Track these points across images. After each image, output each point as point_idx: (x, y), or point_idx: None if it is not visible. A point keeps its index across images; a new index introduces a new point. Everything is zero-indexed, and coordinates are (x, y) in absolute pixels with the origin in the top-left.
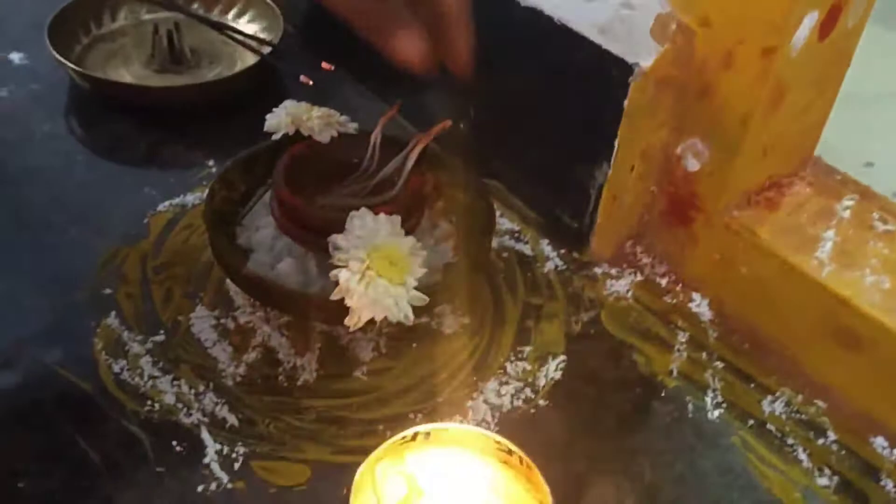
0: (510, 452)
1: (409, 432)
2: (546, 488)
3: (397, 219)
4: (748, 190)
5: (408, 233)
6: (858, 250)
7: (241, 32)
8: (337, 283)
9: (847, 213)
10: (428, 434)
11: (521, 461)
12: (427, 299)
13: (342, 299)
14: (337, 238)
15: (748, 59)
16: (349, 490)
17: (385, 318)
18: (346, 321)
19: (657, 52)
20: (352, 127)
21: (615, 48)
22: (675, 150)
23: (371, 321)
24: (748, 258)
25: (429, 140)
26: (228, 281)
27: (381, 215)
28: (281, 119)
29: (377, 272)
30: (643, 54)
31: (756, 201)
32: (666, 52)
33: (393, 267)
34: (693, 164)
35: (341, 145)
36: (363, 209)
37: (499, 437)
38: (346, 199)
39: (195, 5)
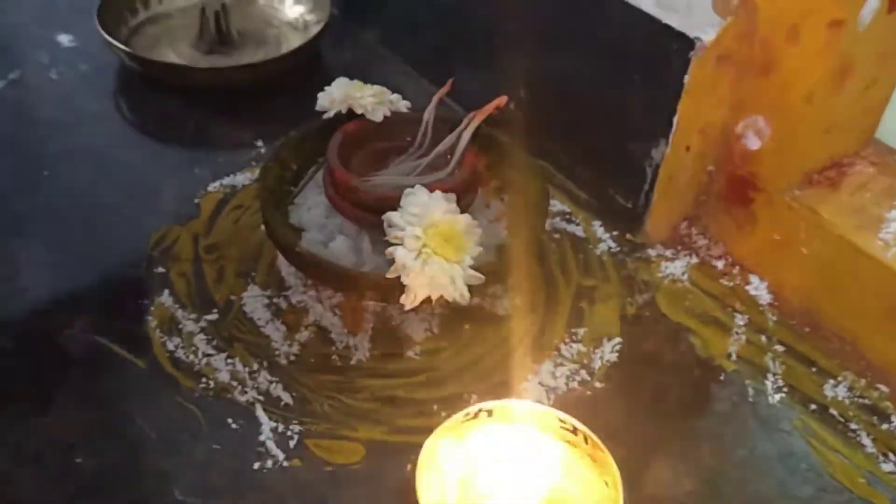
0: (575, 431)
1: (472, 409)
2: (614, 468)
3: (452, 196)
4: (809, 169)
5: (462, 211)
6: None
7: None
8: (392, 262)
9: None
10: (490, 412)
11: (586, 440)
12: (483, 278)
13: (397, 278)
14: (392, 215)
15: (814, 32)
16: (414, 465)
17: (439, 297)
18: (402, 299)
19: (719, 26)
20: (403, 105)
21: (675, 22)
22: (736, 129)
23: (427, 300)
24: (809, 238)
25: (483, 117)
26: (280, 261)
27: (437, 192)
28: (333, 97)
29: (433, 250)
30: (704, 28)
31: (817, 181)
32: (728, 26)
33: (449, 245)
34: (754, 143)
35: (394, 124)
36: (418, 186)
37: (564, 415)
38: (400, 178)
39: None
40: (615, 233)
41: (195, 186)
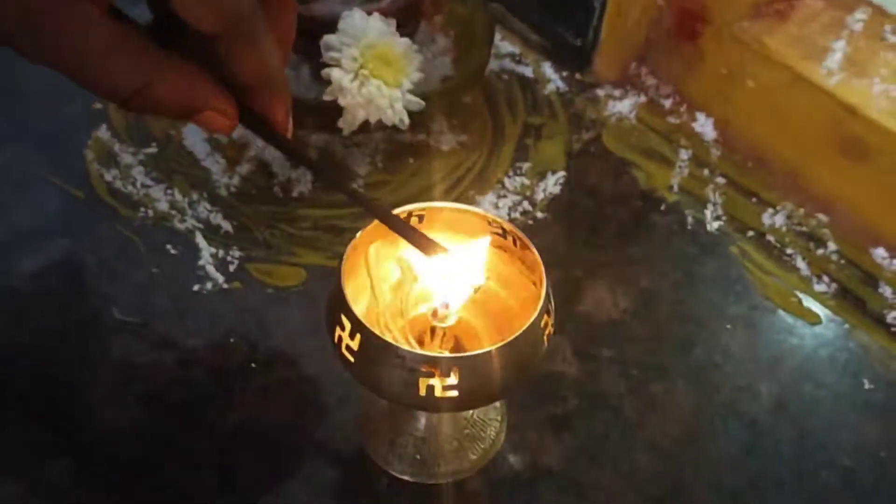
0: (504, 234)
1: (402, 210)
2: (541, 267)
3: (392, 21)
4: (758, 1)
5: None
6: (868, 60)
7: None
8: (329, 85)
9: (859, 26)
10: (421, 215)
11: (515, 242)
12: (423, 103)
13: (335, 101)
14: (329, 37)
15: None
16: (341, 263)
17: (380, 126)
18: (340, 123)
19: None
20: None
21: None
22: None
23: (365, 126)
24: (756, 70)
25: None
26: None
27: (375, 14)
28: None
29: (371, 72)
30: None
31: (766, 13)
32: None
33: (388, 68)
34: None
35: None
36: (356, 9)
37: (493, 216)
38: (341, 6)
39: None
40: (564, 73)
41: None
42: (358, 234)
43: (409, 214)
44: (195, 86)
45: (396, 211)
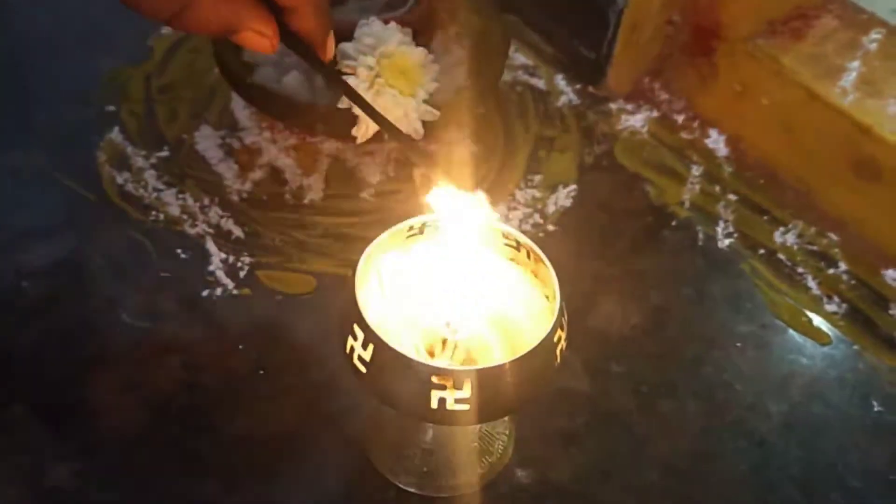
0: (518, 246)
1: (416, 222)
2: (554, 281)
3: (409, 31)
4: (773, 19)
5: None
6: (883, 80)
7: None
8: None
9: (874, 46)
10: (436, 227)
11: (528, 255)
12: (437, 113)
13: (349, 110)
14: (346, 46)
15: None
16: (354, 272)
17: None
18: (354, 131)
19: None
20: None
21: None
22: None
23: (379, 135)
24: (770, 88)
25: None
26: (234, 102)
27: (392, 24)
28: None
29: (387, 81)
30: None
31: (781, 31)
32: None
33: (403, 77)
34: None
35: None
36: (373, 18)
37: (507, 229)
38: (357, 14)
39: None
40: (578, 86)
41: (148, 28)
42: (371, 245)
43: (424, 225)
44: (235, 6)
45: (409, 222)
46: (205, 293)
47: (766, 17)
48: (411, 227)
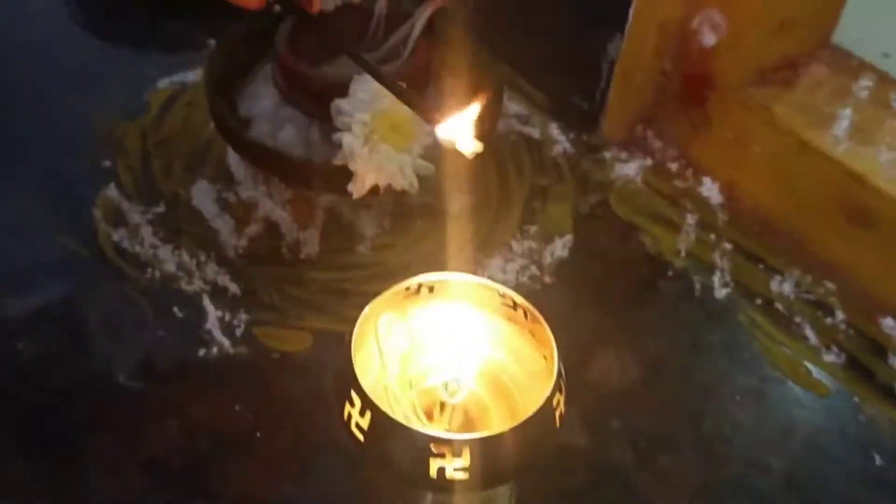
0: (515, 307)
1: (412, 282)
2: (552, 341)
3: (403, 85)
4: (764, 67)
5: None
6: (875, 128)
7: None
8: (340, 149)
9: (864, 94)
10: (432, 287)
11: (525, 315)
12: (433, 168)
13: (345, 166)
14: (340, 102)
15: None
16: (350, 336)
17: (389, 187)
18: (350, 187)
19: None
20: None
21: None
22: (692, 25)
23: (375, 190)
24: (762, 136)
25: (435, 9)
26: (230, 156)
27: None
28: None
29: (382, 137)
30: None
31: (772, 79)
32: None
33: (398, 133)
34: (709, 39)
35: (346, 15)
36: (367, 74)
37: (504, 289)
38: (351, 68)
39: None
40: (571, 135)
41: (145, 83)
42: (368, 307)
43: (420, 286)
44: None
45: (406, 283)
46: (201, 352)
47: (757, 66)
48: (408, 288)
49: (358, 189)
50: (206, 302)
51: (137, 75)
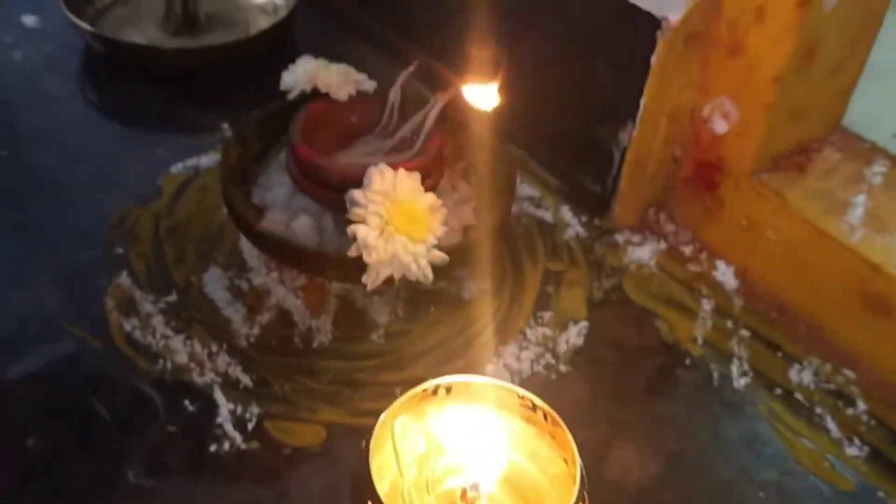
0: (534, 408)
1: (429, 385)
2: (573, 445)
3: (417, 175)
4: (776, 154)
5: (427, 192)
6: (890, 215)
7: None
8: (354, 240)
9: (878, 179)
10: (449, 388)
11: (545, 417)
12: (447, 258)
13: (359, 256)
14: (355, 193)
15: (780, 13)
16: (367, 444)
17: (403, 278)
18: (364, 279)
19: (686, 5)
20: (370, 85)
21: (642, 2)
22: (702, 112)
23: (389, 280)
24: (776, 223)
25: (448, 99)
26: (242, 242)
27: (401, 171)
28: (297, 76)
29: (396, 228)
30: (671, 8)
31: (784, 165)
32: (695, 6)
33: (412, 224)
34: (721, 126)
35: (359, 104)
36: (382, 164)
37: (523, 391)
38: (365, 158)
39: None
40: (584, 218)
41: (158, 168)
42: (383, 414)
43: (437, 387)
44: None
45: (423, 385)
46: (212, 448)
47: (769, 153)
48: (425, 390)
49: (372, 281)
50: (218, 394)
51: (151, 160)
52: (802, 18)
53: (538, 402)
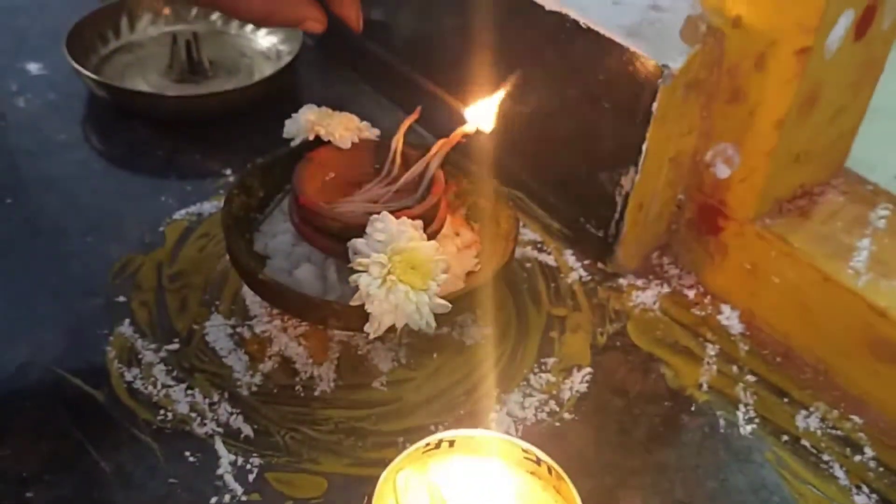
0: (538, 462)
1: (432, 439)
2: (577, 500)
3: (419, 223)
4: (780, 198)
5: (429, 239)
6: (895, 260)
7: None
8: (356, 289)
9: (882, 223)
10: (452, 442)
11: (549, 471)
12: (450, 306)
13: (362, 305)
14: (357, 242)
15: (782, 60)
16: (370, 499)
17: (406, 326)
18: (366, 328)
19: (687, 53)
20: (372, 133)
21: (644, 50)
22: (705, 157)
23: (392, 329)
24: (780, 267)
25: (450, 146)
26: (245, 289)
27: (403, 219)
28: (300, 124)
29: (398, 277)
30: (673, 56)
31: (788, 209)
32: (696, 53)
33: (415, 272)
34: (723, 171)
35: (362, 151)
36: (384, 213)
37: (527, 445)
38: (367, 205)
39: (214, 17)
40: (587, 262)
41: (161, 215)
42: (388, 468)
43: (440, 441)
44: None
45: (426, 440)
46: (213, 500)
47: (772, 197)
48: (428, 444)
49: (374, 330)
50: (219, 445)
51: (154, 207)
52: (803, 65)
53: (542, 455)
